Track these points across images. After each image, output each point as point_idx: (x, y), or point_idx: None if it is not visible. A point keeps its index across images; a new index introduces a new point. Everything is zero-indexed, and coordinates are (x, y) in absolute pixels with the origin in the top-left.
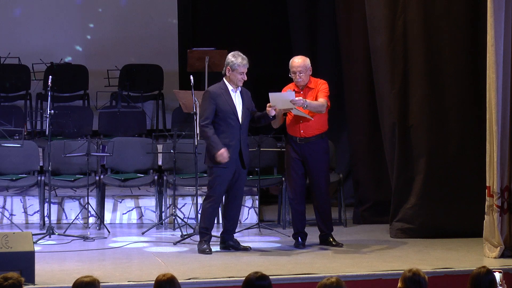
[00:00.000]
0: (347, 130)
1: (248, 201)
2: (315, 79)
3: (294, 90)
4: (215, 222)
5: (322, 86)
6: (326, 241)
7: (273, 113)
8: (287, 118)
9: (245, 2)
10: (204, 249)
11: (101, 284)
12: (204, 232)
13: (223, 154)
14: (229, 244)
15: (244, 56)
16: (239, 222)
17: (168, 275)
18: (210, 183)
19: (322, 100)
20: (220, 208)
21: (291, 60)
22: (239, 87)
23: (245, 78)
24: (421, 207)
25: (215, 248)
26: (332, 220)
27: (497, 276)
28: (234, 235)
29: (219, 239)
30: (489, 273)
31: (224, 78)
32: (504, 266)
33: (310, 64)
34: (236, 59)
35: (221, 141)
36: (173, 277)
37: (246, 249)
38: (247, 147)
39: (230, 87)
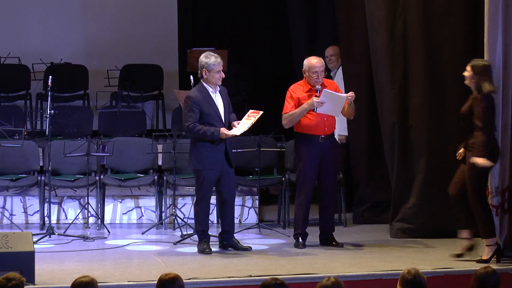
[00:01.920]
0: (347, 130)
1: (248, 201)
2: (325, 79)
3: (310, 88)
4: (215, 222)
5: (338, 89)
6: (326, 241)
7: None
8: (306, 117)
9: (245, 2)
10: (204, 249)
11: (101, 284)
12: (202, 234)
13: (224, 132)
14: (228, 244)
15: (216, 55)
16: (239, 222)
17: (171, 274)
18: (198, 186)
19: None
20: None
21: (307, 62)
22: (218, 87)
23: (223, 76)
24: (421, 207)
25: (215, 248)
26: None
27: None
28: (234, 235)
29: (218, 239)
30: (495, 273)
31: (201, 81)
32: (504, 266)
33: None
34: (209, 59)
35: (207, 143)
36: (176, 277)
37: (247, 249)
38: (231, 145)
39: (209, 89)
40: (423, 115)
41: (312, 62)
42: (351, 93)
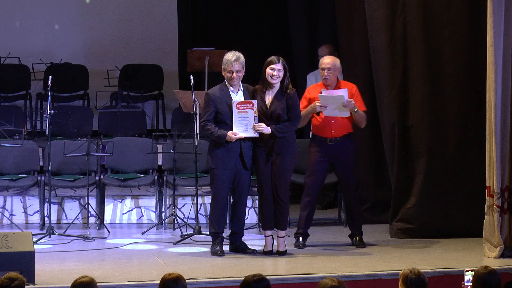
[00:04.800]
0: None
1: (248, 201)
2: (344, 82)
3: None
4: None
5: (357, 92)
6: (351, 240)
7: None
8: (315, 119)
9: (245, 2)
10: (216, 251)
11: (101, 284)
12: (214, 236)
13: (231, 136)
14: (237, 246)
15: (235, 54)
16: None
17: (174, 274)
18: (211, 185)
19: (365, 115)
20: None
21: (321, 58)
22: (241, 87)
23: (233, 77)
24: (421, 207)
25: (227, 249)
26: (362, 220)
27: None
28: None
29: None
30: (496, 273)
31: (225, 79)
32: (504, 266)
33: (340, 65)
34: (227, 56)
35: (221, 143)
36: (179, 276)
37: (253, 252)
38: (249, 148)
39: (230, 88)
40: (423, 115)
41: (323, 59)
42: (348, 100)
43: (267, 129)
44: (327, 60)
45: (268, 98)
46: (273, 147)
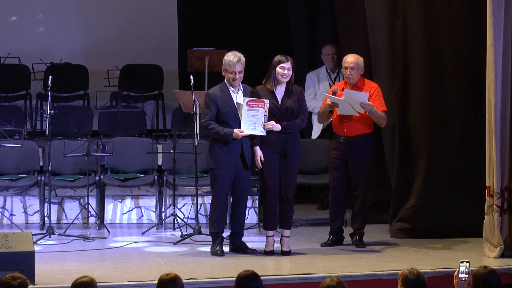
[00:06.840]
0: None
1: (248, 201)
2: (367, 81)
3: (343, 88)
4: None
5: (376, 92)
6: (351, 239)
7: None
8: (333, 116)
9: (245, 2)
10: (216, 251)
11: (101, 284)
12: (215, 236)
13: (237, 134)
14: (237, 246)
15: (236, 54)
16: None
17: (171, 274)
18: (212, 185)
19: (384, 115)
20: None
21: (344, 57)
22: (241, 87)
23: (236, 78)
24: (421, 207)
25: (227, 250)
26: (365, 221)
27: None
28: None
29: (228, 241)
30: (496, 272)
31: (225, 79)
32: (504, 266)
33: (363, 64)
34: (227, 57)
35: (221, 142)
36: (176, 276)
37: (253, 252)
38: (249, 148)
39: (230, 88)
40: (423, 115)
41: (346, 58)
42: (365, 104)
43: (277, 127)
44: (350, 59)
45: (279, 95)
46: (283, 146)
